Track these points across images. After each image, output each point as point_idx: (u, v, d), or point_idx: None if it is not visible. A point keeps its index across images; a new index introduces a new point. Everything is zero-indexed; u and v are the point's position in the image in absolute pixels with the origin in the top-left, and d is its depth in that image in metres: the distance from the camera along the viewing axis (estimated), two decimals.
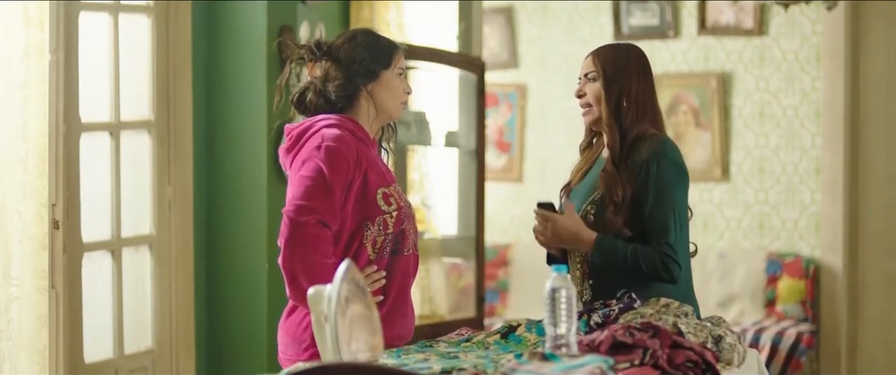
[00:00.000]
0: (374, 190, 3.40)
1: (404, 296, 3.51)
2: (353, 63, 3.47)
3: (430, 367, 2.88)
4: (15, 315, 4.27)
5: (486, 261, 7.10)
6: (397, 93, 3.53)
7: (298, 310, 3.44)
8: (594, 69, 3.61)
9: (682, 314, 3.27)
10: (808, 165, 7.51)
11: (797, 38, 7.53)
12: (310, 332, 3.37)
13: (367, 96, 3.49)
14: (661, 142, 3.53)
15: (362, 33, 3.55)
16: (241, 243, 5.23)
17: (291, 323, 3.46)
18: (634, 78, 3.58)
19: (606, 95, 3.56)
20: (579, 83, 3.66)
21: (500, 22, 8.23)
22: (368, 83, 3.48)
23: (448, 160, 6.58)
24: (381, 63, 3.50)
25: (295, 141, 3.44)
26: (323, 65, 3.50)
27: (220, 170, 5.27)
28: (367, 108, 3.50)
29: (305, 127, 3.45)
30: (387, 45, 3.55)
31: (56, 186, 4.39)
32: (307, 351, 3.39)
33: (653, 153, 3.50)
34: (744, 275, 7.54)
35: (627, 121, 3.54)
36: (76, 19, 4.53)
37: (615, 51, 3.66)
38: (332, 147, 3.35)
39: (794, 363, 7.05)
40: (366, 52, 3.48)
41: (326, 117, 3.45)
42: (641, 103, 3.56)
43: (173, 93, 5.04)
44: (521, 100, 8.24)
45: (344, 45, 3.50)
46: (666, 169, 3.49)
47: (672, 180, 3.50)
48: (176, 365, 5.06)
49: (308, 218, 3.29)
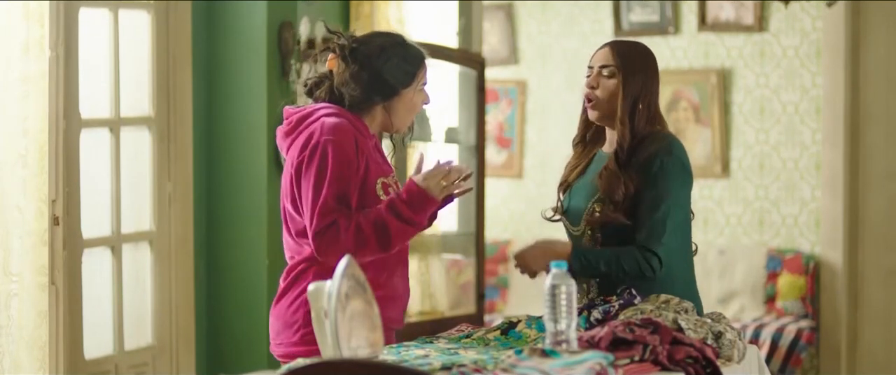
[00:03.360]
0: (374, 179, 3.39)
1: (393, 282, 3.45)
2: (375, 78, 3.40)
3: (430, 363, 2.87)
4: (15, 311, 4.27)
5: (486, 258, 7.10)
6: (413, 110, 3.48)
7: (288, 294, 3.41)
8: (613, 64, 3.51)
9: (683, 310, 3.27)
10: (809, 161, 7.51)
11: (797, 34, 7.53)
12: (301, 313, 3.35)
13: (382, 109, 3.45)
14: (669, 140, 3.50)
15: (392, 45, 3.44)
16: (241, 239, 5.23)
17: (281, 308, 3.43)
18: (650, 79, 3.53)
19: (624, 93, 3.49)
20: (589, 73, 3.56)
21: (500, 18, 8.23)
22: (386, 101, 3.44)
23: (448, 156, 6.58)
24: (404, 82, 3.44)
25: (294, 126, 3.40)
26: (346, 67, 3.43)
27: (219, 165, 5.27)
28: (378, 117, 3.46)
29: (306, 113, 3.40)
30: (413, 59, 3.45)
31: (56, 182, 4.39)
32: (299, 332, 3.36)
33: (659, 149, 3.46)
34: (744, 272, 7.54)
35: (640, 122, 3.49)
36: (76, 15, 4.53)
37: (634, 49, 3.58)
38: (330, 143, 3.32)
39: (795, 359, 7.05)
40: (390, 69, 3.40)
41: (328, 105, 3.41)
42: (653, 106, 3.53)
43: (173, 89, 5.04)
44: (521, 96, 8.24)
45: (372, 57, 3.40)
46: (671, 167, 3.46)
47: (675, 179, 3.47)
48: (176, 361, 5.06)
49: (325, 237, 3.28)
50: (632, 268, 3.42)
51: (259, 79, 5.21)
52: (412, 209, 3.30)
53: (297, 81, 5.31)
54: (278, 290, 3.46)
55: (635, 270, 3.42)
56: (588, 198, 3.53)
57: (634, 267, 3.42)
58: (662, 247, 3.42)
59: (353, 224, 3.27)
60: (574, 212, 3.57)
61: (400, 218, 3.29)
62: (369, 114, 3.45)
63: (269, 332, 3.48)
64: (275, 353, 3.47)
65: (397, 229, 3.29)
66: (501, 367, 2.70)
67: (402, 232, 3.31)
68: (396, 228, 3.29)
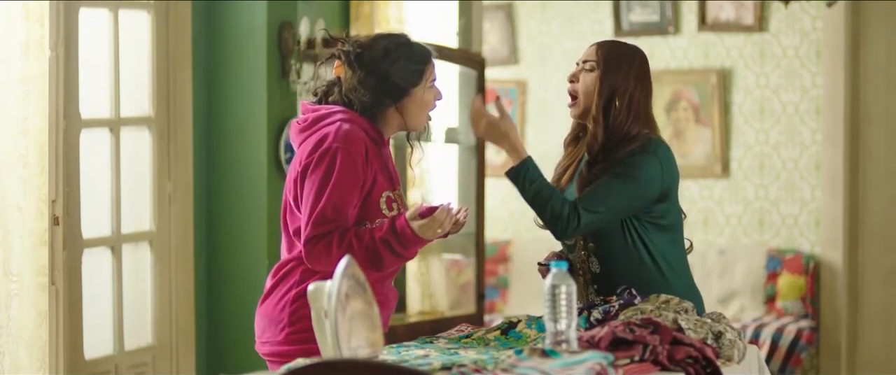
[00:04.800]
0: (379, 192, 3.38)
1: (382, 288, 3.44)
2: (383, 82, 3.39)
3: (429, 363, 2.88)
4: (15, 311, 4.27)
5: (486, 258, 7.10)
6: (426, 107, 3.47)
7: (275, 292, 3.41)
8: (594, 59, 3.52)
9: (683, 310, 3.27)
10: (809, 161, 7.51)
11: (797, 34, 7.53)
12: (287, 312, 3.36)
13: (395, 112, 3.44)
14: (651, 141, 3.45)
15: (396, 47, 3.42)
16: (241, 239, 5.23)
17: (267, 306, 3.43)
18: (632, 79, 3.48)
19: (599, 88, 3.47)
20: (577, 67, 3.57)
21: (500, 18, 8.23)
22: (397, 103, 3.42)
23: (448, 156, 6.58)
24: (413, 81, 3.42)
25: (310, 124, 3.39)
26: (353, 74, 3.41)
27: (219, 165, 5.27)
28: (392, 120, 3.45)
29: (323, 114, 3.39)
30: (419, 58, 3.43)
31: (56, 182, 4.39)
32: (284, 331, 3.36)
33: (637, 147, 3.41)
34: (744, 272, 7.55)
35: (616, 122, 3.45)
36: (76, 15, 4.53)
37: (619, 46, 3.57)
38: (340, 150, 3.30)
39: (794, 359, 7.05)
40: (397, 71, 3.39)
41: (344, 110, 3.39)
42: (635, 106, 3.47)
43: (173, 89, 5.04)
44: (521, 96, 8.24)
45: (378, 61, 3.39)
46: (640, 159, 3.39)
47: (641, 168, 3.39)
48: (176, 361, 5.06)
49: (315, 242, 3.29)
50: (554, 209, 3.38)
51: (259, 80, 5.21)
52: (403, 246, 3.32)
53: (298, 81, 5.31)
54: (265, 288, 3.46)
55: (555, 212, 3.38)
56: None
57: (556, 210, 3.38)
58: (590, 215, 3.37)
59: (346, 243, 3.27)
60: None
61: (391, 252, 3.31)
62: (383, 118, 3.44)
63: (255, 330, 3.48)
64: (260, 352, 3.46)
65: (387, 259, 3.32)
66: (501, 367, 2.70)
67: (391, 262, 3.35)
68: (387, 258, 3.31)
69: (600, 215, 3.39)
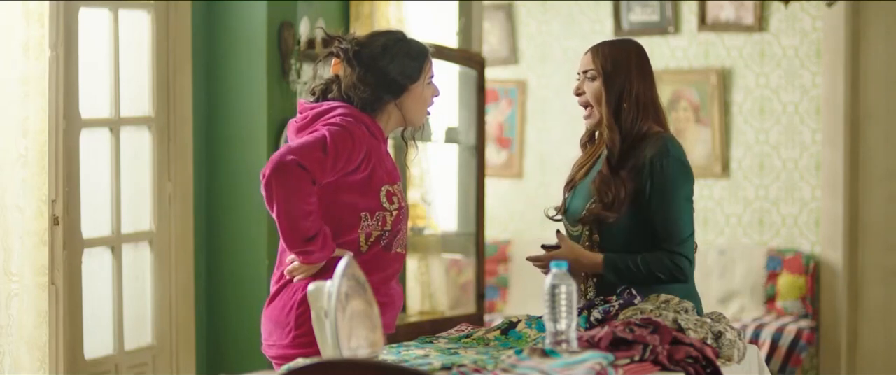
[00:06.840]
0: (379, 185, 3.39)
1: (387, 289, 3.46)
2: (382, 78, 3.41)
3: (430, 363, 2.88)
4: (15, 310, 4.27)
5: (486, 257, 7.10)
6: (425, 103, 3.49)
7: (282, 294, 3.41)
8: (593, 67, 3.55)
9: (682, 310, 3.27)
10: (809, 161, 7.51)
11: (797, 34, 7.53)
12: (294, 315, 3.36)
13: (394, 107, 3.46)
14: (665, 141, 3.50)
15: (394, 43, 3.45)
16: (241, 239, 5.23)
17: (274, 308, 3.43)
18: (635, 76, 3.52)
19: (607, 96, 3.52)
20: (578, 80, 3.61)
21: (500, 18, 8.23)
22: (396, 99, 3.44)
23: (448, 156, 6.58)
24: (411, 78, 3.44)
25: (309, 122, 3.40)
26: (351, 71, 3.43)
27: (219, 165, 5.27)
28: (392, 116, 3.47)
29: (323, 110, 3.40)
30: (417, 54, 3.46)
31: (56, 182, 4.39)
32: (290, 334, 3.36)
33: (657, 151, 3.46)
34: (744, 272, 7.54)
35: (628, 122, 3.50)
36: (76, 15, 4.53)
37: (614, 48, 3.59)
38: (343, 125, 3.31)
39: (794, 359, 7.05)
40: (396, 67, 3.41)
41: (344, 105, 3.41)
42: (642, 102, 3.52)
43: (173, 88, 5.04)
44: (521, 95, 8.24)
45: (376, 58, 3.41)
46: (670, 167, 3.46)
47: (678, 179, 3.47)
48: (176, 361, 5.06)
49: (291, 158, 3.24)
50: (664, 272, 3.44)
51: (259, 79, 5.21)
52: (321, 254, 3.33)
53: (298, 81, 5.31)
54: (271, 290, 3.46)
55: (667, 273, 3.44)
56: (586, 200, 3.54)
57: (666, 271, 3.44)
58: (685, 246, 3.45)
59: (319, 210, 3.27)
60: (573, 213, 3.59)
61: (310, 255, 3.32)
62: (383, 115, 3.45)
63: (262, 333, 3.48)
64: (267, 354, 3.46)
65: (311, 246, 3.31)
66: (501, 367, 2.70)
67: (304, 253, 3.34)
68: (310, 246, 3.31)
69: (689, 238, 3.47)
